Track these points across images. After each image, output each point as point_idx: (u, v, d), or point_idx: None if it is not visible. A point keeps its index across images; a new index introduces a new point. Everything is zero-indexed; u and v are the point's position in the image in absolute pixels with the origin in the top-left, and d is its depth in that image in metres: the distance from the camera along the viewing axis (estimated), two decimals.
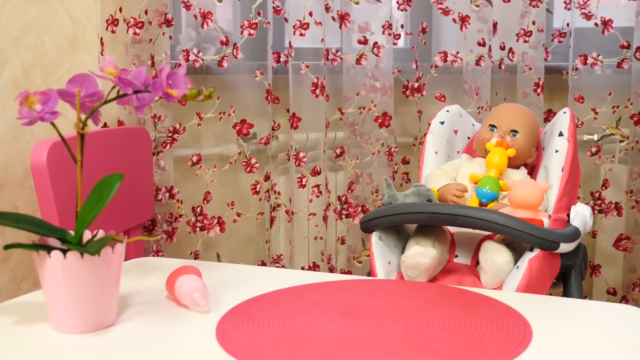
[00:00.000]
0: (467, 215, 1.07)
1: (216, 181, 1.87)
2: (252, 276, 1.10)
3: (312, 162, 1.96)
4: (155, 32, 1.70)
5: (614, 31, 1.87)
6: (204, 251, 1.88)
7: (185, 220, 1.83)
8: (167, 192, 1.78)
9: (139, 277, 1.09)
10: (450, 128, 1.41)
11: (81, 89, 0.88)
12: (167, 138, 1.76)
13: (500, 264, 1.07)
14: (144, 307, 0.95)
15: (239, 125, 1.86)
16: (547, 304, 0.97)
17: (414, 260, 1.10)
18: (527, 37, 1.95)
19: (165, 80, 0.91)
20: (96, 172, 0.94)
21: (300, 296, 0.99)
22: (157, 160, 1.75)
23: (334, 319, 0.89)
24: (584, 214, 1.19)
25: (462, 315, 0.91)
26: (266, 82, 1.85)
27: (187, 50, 1.77)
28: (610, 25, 1.87)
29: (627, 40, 1.87)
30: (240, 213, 1.90)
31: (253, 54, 1.86)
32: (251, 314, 0.92)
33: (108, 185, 0.89)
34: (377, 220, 1.16)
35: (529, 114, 1.35)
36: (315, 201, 1.95)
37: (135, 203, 1.65)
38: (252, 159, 1.89)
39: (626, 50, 1.87)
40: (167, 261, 1.21)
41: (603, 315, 0.91)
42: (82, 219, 0.86)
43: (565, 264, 1.14)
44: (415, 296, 0.99)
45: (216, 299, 0.97)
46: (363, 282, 1.06)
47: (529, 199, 1.13)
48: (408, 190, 1.20)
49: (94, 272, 0.84)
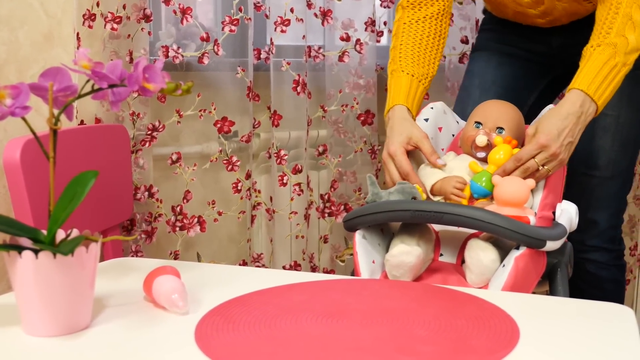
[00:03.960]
0: (452, 213, 1.05)
1: (196, 180, 1.84)
2: (232, 276, 1.07)
3: (293, 161, 1.93)
4: (133, 27, 1.67)
5: None
6: (184, 251, 1.85)
7: (164, 219, 1.80)
8: (146, 191, 1.74)
9: (115, 278, 1.06)
10: (435, 125, 1.39)
11: (54, 82, 0.85)
12: (146, 136, 1.72)
13: (486, 263, 1.05)
14: (120, 309, 0.92)
15: (220, 122, 1.83)
16: (534, 303, 0.95)
17: (398, 259, 1.08)
18: None
19: (141, 73, 0.88)
20: (73, 171, 0.91)
21: (282, 297, 0.96)
22: (136, 159, 1.72)
23: (317, 320, 0.87)
24: (569, 212, 1.18)
25: (448, 315, 0.89)
26: (247, 79, 1.82)
27: (167, 47, 1.74)
28: None
29: None
30: (221, 212, 1.87)
31: (234, 50, 1.83)
32: (231, 315, 0.89)
33: (82, 182, 0.85)
34: (360, 218, 1.14)
35: (515, 110, 1.33)
36: (296, 199, 1.93)
37: (114, 202, 1.62)
38: (234, 157, 1.86)
39: None
40: (145, 261, 1.18)
41: (591, 314, 0.90)
42: (54, 217, 0.83)
43: (551, 262, 1.13)
44: (400, 296, 0.97)
45: (195, 300, 0.94)
46: (347, 282, 1.03)
47: (516, 196, 1.11)
48: (392, 188, 1.18)
49: (67, 272, 0.81)
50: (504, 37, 1.62)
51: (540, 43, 1.59)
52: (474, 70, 1.64)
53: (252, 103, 1.85)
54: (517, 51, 1.61)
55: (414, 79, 1.40)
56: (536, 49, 1.60)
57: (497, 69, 1.60)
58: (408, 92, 1.39)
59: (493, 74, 1.61)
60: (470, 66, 1.67)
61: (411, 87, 1.39)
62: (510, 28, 1.60)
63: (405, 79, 1.40)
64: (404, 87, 1.39)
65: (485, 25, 1.70)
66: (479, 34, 1.71)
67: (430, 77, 1.45)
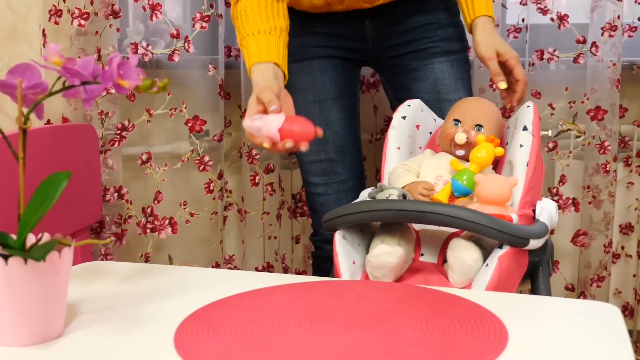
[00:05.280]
0: (435, 212, 1.03)
1: (167, 180, 1.80)
2: (209, 279, 1.04)
3: (265, 160, 1.90)
4: (101, 23, 1.62)
5: (570, 26, 1.87)
6: (155, 253, 1.80)
7: (135, 221, 1.75)
8: (116, 192, 1.70)
9: (87, 283, 1.02)
10: (413, 123, 1.38)
11: (23, 79, 0.81)
12: (115, 135, 1.68)
13: (469, 262, 1.04)
14: (94, 316, 0.88)
15: (191, 121, 1.80)
16: (519, 302, 0.94)
17: (380, 259, 1.06)
18: None
19: (116, 70, 0.84)
20: (39, 172, 0.87)
21: (264, 300, 0.94)
22: (105, 159, 1.67)
23: (300, 324, 0.84)
24: (549, 210, 1.17)
25: (433, 317, 0.87)
26: (219, 77, 1.79)
27: (136, 44, 1.70)
28: (567, 20, 1.86)
29: (582, 36, 1.87)
30: (193, 213, 1.84)
31: (205, 48, 1.79)
32: (212, 320, 0.86)
33: (54, 184, 0.81)
34: (341, 218, 1.12)
35: (494, 108, 1.32)
36: (268, 199, 1.90)
37: (82, 204, 1.57)
38: (205, 156, 1.82)
39: (582, 45, 1.87)
40: (117, 265, 1.14)
41: (578, 313, 0.89)
42: (25, 221, 0.79)
43: (533, 260, 1.12)
44: (383, 297, 0.95)
45: (172, 305, 0.91)
46: (328, 284, 1.01)
47: (498, 195, 1.10)
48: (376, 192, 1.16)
49: (39, 279, 0.77)
50: (314, 38, 1.52)
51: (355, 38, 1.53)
52: (296, 85, 1.49)
53: (223, 102, 1.81)
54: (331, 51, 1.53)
55: (265, 34, 1.29)
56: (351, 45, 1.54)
57: (322, 77, 1.52)
58: (263, 48, 1.27)
59: (322, 83, 1.53)
60: (289, 81, 1.38)
61: (269, 42, 1.29)
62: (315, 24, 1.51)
63: (261, 38, 1.28)
64: (262, 46, 1.28)
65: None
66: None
67: (285, 30, 1.33)
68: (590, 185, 1.89)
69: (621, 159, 1.93)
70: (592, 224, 1.91)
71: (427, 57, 1.51)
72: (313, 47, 1.52)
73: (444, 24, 1.52)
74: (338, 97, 1.53)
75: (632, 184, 1.94)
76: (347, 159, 1.55)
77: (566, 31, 1.87)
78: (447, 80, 1.50)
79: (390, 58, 1.54)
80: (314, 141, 1.49)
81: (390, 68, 1.56)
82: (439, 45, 1.51)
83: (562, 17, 1.87)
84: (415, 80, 1.52)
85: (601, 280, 1.91)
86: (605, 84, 1.84)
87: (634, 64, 1.91)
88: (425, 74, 1.51)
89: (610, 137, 1.86)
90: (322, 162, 1.54)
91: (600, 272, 1.91)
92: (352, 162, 1.56)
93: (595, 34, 1.84)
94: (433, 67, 1.51)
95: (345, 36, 1.52)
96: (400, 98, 1.46)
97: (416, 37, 1.51)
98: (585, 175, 1.91)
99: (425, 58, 1.51)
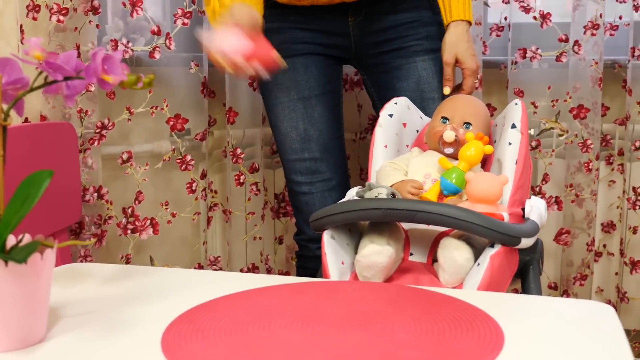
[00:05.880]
0: (425, 211, 1.02)
1: (148, 180, 1.76)
2: (194, 281, 1.02)
3: (249, 159, 1.88)
4: (80, 19, 1.59)
5: (553, 25, 1.87)
6: (135, 254, 1.77)
7: (115, 222, 1.72)
8: (95, 192, 1.66)
9: (68, 286, 0.99)
10: (400, 121, 1.36)
11: (3, 74, 0.78)
12: (94, 134, 1.64)
13: (461, 262, 1.02)
14: (77, 320, 0.85)
15: (172, 120, 1.76)
16: (512, 302, 0.92)
17: (369, 259, 1.04)
18: None
19: (100, 65, 0.81)
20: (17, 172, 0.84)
21: (253, 301, 0.91)
22: (84, 158, 1.63)
23: (292, 326, 0.82)
24: (539, 208, 1.16)
25: (427, 318, 0.85)
26: (202, 74, 1.76)
27: (116, 40, 1.66)
28: (549, 18, 1.86)
29: (565, 34, 1.87)
30: (174, 213, 1.80)
31: (187, 44, 1.76)
32: (200, 322, 0.84)
33: (35, 183, 0.78)
34: (329, 217, 1.10)
35: (482, 105, 1.31)
36: (253, 199, 1.87)
37: (61, 204, 1.54)
38: (187, 156, 1.79)
39: (564, 44, 1.87)
40: (98, 267, 1.11)
41: (572, 313, 0.88)
42: (5, 222, 0.76)
43: (523, 259, 1.11)
44: (374, 298, 0.93)
45: (158, 308, 0.88)
46: (317, 284, 0.99)
47: (489, 193, 1.08)
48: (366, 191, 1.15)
49: (21, 282, 0.74)
50: (297, 34, 1.50)
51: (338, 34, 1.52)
52: (279, 81, 1.50)
53: (207, 100, 1.78)
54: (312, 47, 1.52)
55: None
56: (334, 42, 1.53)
57: (305, 74, 1.51)
58: None
59: (306, 80, 1.52)
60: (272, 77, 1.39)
61: None
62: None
63: None
64: None
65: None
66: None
67: None
68: (572, 183, 1.89)
69: (603, 157, 1.94)
70: (575, 222, 1.91)
71: (410, 55, 1.50)
72: (296, 43, 1.50)
73: (427, 22, 1.52)
74: (322, 94, 1.52)
75: (614, 182, 1.95)
76: (332, 157, 1.53)
77: (549, 30, 1.87)
78: (431, 79, 1.50)
79: (372, 56, 1.53)
80: (298, 139, 1.48)
81: (372, 66, 1.55)
82: (422, 44, 1.51)
83: (545, 15, 1.87)
84: (398, 79, 1.51)
85: (584, 278, 1.92)
86: (587, 82, 1.85)
87: (616, 62, 1.91)
88: (408, 72, 1.50)
89: (592, 136, 1.86)
90: (306, 160, 1.52)
91: (582, 271, 1.91)
92: (336, 160, 1.55)
93: (577, 33, 1.84)
94: (416, 65, 1.50)
95: (328, 32, 1.50)
96: (383, 97, 1.45)
97: (399, 34, 1.50)
98: (567, 174, 1.91)
99: (408, 56, 1.51)
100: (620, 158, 1.94)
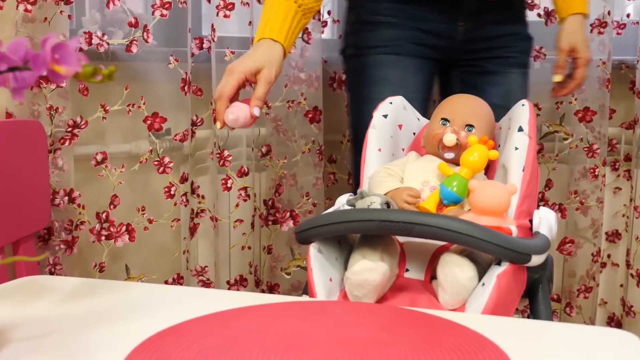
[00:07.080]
0: (424, 224, 0.90)
1: (124, 183, 1.65)
2: (166, 298, 0.91)
3: (235, 162, 1.77)
4: (51, 10, 1.47)
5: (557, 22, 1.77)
6: (110, 262, 1.66)
7: (88, 227, 1.61)
8: (67, 196, 1.55)
9: (23, 303, 0.88)
10: (395, 122, 1.25)
11: None
12: (66, 133, 1.53)
13: (463, 281, 0.91)
14: (29, 344, 0.74)
15: (150, 119, 1.65)
16: (524, 329, 0.81)
17: (361, 277, 0.93)
18: None
19: (49, 53, 0.70)
20: None
21: (227, 325, 0.80)
22: (54, 159, 1.52)
23: (271, 356, 0.71)
24: (549, 220, 1.05)
25: (426, 347, 0.74)
26: (182, 70, 1.64)
27: (90, 33, 1.55)
28: (554, 16, 1.77)
29: None
30: (152, 219, 1.69)
31: (167, 38, 1.65)
32: (165, 350, 0.72)
33: None
34: (317, 229, 0.98)
35: (485, 106, 1.21)
36: (242, 205, 1.76)
37: (28, 209, 1.44)
38: (166, 157, 1.68)
39: None
40: (60, 280, 1.00)
41: (592, 342, 0.77)
42: None
43: (532, 277, 1.00)
44: (366, 322, 0.82)
45: (123, 330, 0.77)
46: (302, 305, 0.88)
47: (496, 204, 0.97)
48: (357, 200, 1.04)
49: None
50: (410, 33, 1.48)
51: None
52: (389, 77, 1.48)
53: (190, 98, 1.67)
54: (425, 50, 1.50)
55: (295, 5, 1.25)
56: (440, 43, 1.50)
57: (415, 76, 1.49)
58: (283, 21, 1.24)
59: (415, 83, 1.49)
60: (379, 71, 1.48)
61: (288, 14, 1.25)
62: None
63: (285, 5, 1.24)
64: (280, 15, 1.24)
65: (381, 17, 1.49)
66: (375, 27, 1.49)
67: (314, 10, 1.30)
68: (577, 190, 1.79)
69: (608, 163, 1.84)
70: (578, 230, 1.82)
71: (506, 65, 1.53)
72: (410, 43, 1.49)
73: (524, 37, 1.56)
74: (423, 100, 1.51)
75: (620, 189, 1.86)
76: None
77: (554, 28, 1.77)
78: (517, 92, 1.51)
79: (470, 59, 1.53)
80: None
81: (467, 66, 1.54)
82: (518, 57, 1.55)
83: (550, 12, 1.77)
84: (489, 83, 1.52)
85: (588, 290, 1.82)
86: (594, 83, 1.75)
87: (623, 62, 1.82)
88: (501, 80, 1.53)
89: (599, 140, 1.77)
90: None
91: (587, 282, 1.82)
92: None
93: None
94: (509, 75, 1.53)
95: (437, 34, 1.48)
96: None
97: (501, 44, 1.53)
98: (571, 180, 1.81)
99: (505, 65, 1.53)
100: (626, 164, 1.84)
